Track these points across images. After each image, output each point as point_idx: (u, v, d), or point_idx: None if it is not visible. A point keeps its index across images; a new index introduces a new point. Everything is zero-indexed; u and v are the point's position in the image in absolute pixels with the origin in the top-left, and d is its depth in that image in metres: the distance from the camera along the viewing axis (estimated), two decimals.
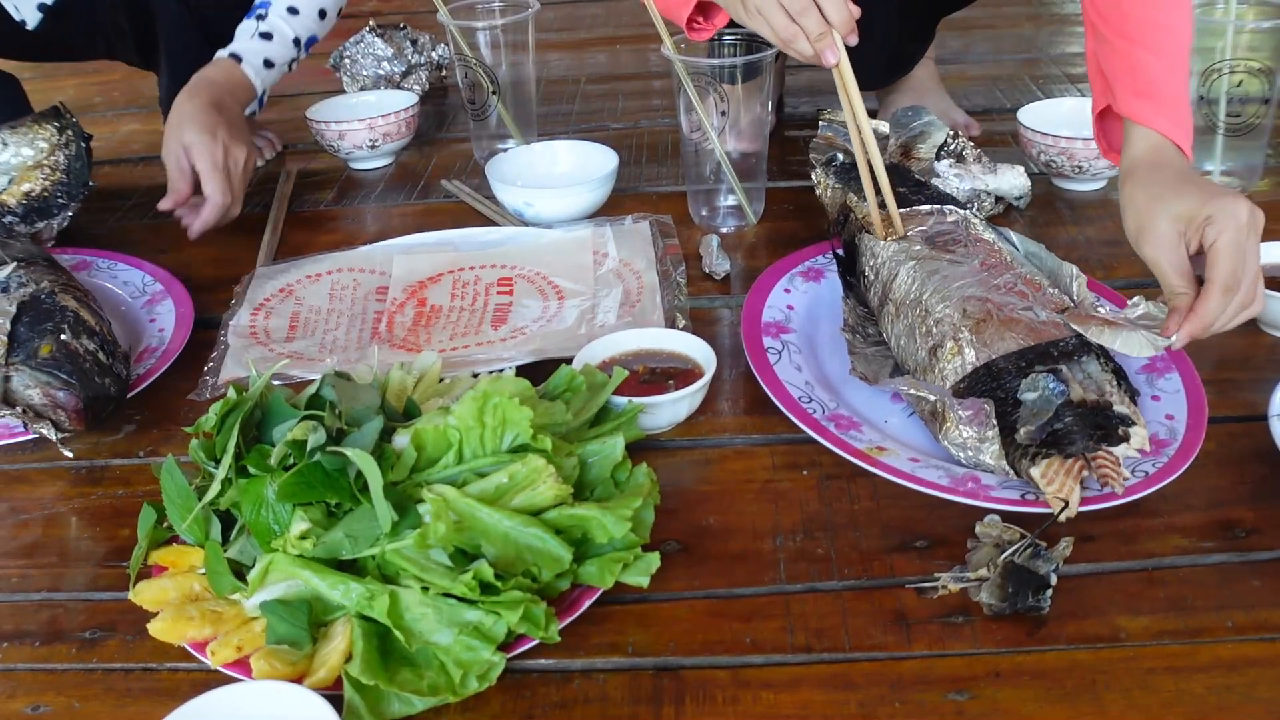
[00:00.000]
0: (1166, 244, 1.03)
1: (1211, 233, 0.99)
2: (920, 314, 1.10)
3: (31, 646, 0.95)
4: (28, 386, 1.13)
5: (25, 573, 1.03)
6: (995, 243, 1.17)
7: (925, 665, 0.86)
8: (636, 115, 1.99)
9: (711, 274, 1.41)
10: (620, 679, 0.87)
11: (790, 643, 0.89)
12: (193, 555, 0.96)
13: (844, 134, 1.51)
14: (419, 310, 1.36)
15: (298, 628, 0.87)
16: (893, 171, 1.28)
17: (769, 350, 1.19)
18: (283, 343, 1.32)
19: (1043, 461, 0.94)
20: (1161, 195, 1.06)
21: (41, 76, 2.37)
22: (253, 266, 1.50)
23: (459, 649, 0.84)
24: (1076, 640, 0.87)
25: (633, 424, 1.08)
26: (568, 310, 1.33)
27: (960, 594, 0.90)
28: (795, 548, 0.98)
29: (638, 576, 0.91)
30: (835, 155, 1.41)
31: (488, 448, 0.93)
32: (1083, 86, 1.95)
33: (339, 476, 0.91)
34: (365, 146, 1.78)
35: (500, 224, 1.57)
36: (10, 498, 1.13)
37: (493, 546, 0.88)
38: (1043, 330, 1.03)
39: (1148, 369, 1.13)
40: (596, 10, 2.65)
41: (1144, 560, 0.94)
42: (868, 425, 1.09)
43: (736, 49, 1.43)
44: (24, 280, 1.23)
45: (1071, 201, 1.54)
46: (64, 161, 1.58)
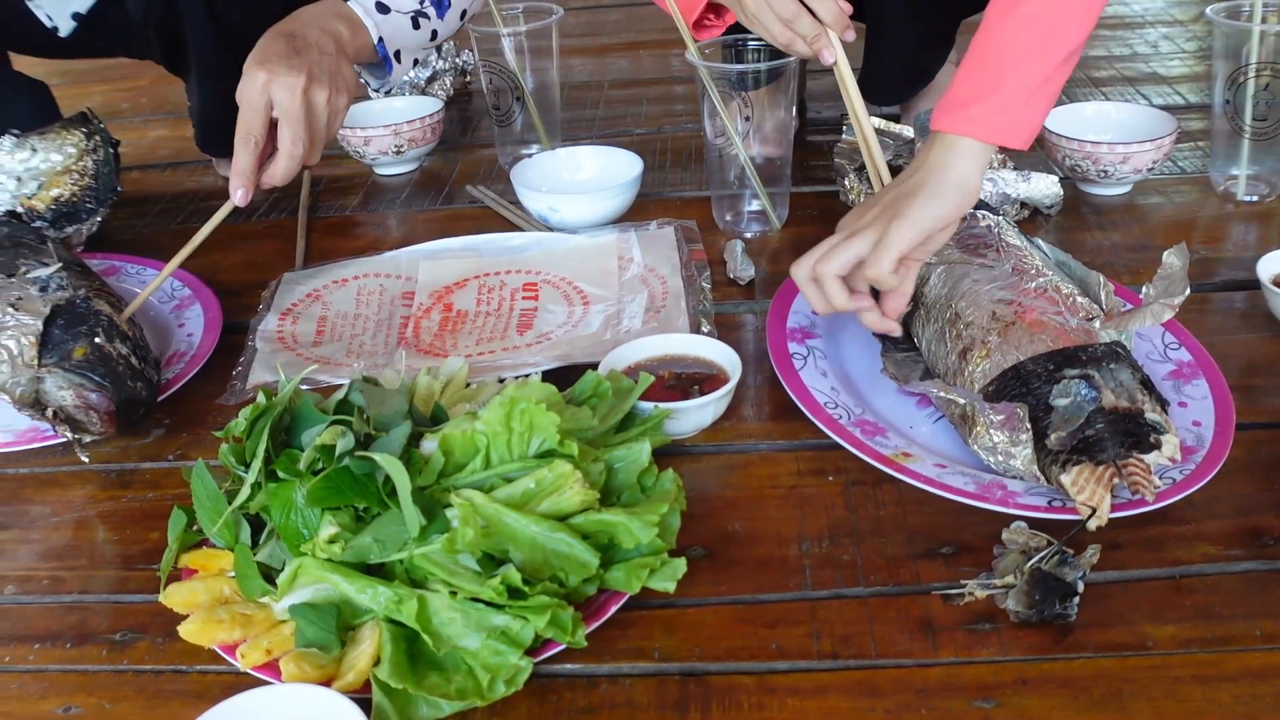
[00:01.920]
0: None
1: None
2: (950, 317, 1.10)
3: (63, 648, 0.96)
4: (60, 388, 1.14)
5: (57, 575, 1.04)
6: (1026, 249, 1.17)
7: (952, 672, 0.86)
8: (660, 120, 1.99)
9: (736, 279, 1.41)
10: (646, 684, 0.87)
11: (816, 649, 0.89)
12: (222, 558, 0.96)
13: None
14: (445, 315, 1.37)
15: (326, 631, 0.87)
16: None
17: (794, 355, 1.19)
18: (310, 347, 1.33)
19: (1073, 468, 0.94)
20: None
21: (70, 83, 2.39)
22: (279, 272, 1.51)
23: (486, 653, 0.84)
24: (1103, 648, 0.87)
25: (658, 429, 1.08)
26: (593, 315, 1.34)
27: (987, 601, 0.90)
28: (821, 554, 0.98)
29: (664, 582, 0.91)
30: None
31: (515, 453, 0.94)
32: (1107, 90, 1.94)
33: (367, 481, 0.91)
34: (390, 152, 1.79)
35: (525, 229, 1.58)
36: (42, 500, 1.14)
37: (520, 551, 0.89)
38: (1072, 335, 1.03)
39: (1174, 375, 1.12)
40: (618, 16, 2.66)
41: (1171, 568, 0.94)
42: (894, 431, 1.09)
43: (760, 54, 1.43)
44: (63, 284, 1.24)
45: (1097, 206, 1.54)
46: (92, 167, 1.60)
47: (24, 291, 1.22)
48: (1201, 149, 1.67)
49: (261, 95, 1.27)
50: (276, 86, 1.27)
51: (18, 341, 1.17)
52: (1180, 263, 1.04)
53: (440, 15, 1.50)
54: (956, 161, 1.09)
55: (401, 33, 1.46)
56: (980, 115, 1.08)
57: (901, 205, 1.08)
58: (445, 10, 1.51)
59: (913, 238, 1.07)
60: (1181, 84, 1.96)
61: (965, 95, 1.10)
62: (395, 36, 1.45)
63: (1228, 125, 1.48)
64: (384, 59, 1.45)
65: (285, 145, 1.29)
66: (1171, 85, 1.96)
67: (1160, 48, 2.16)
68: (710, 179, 1.56)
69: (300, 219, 1.68)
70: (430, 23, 1.50)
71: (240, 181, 1.29)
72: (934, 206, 1.07)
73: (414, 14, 1.47)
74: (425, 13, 1.48)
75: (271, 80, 1.27)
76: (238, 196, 1.30)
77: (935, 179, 1.09)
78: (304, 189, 1.77)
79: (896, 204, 1.09)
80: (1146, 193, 1.56)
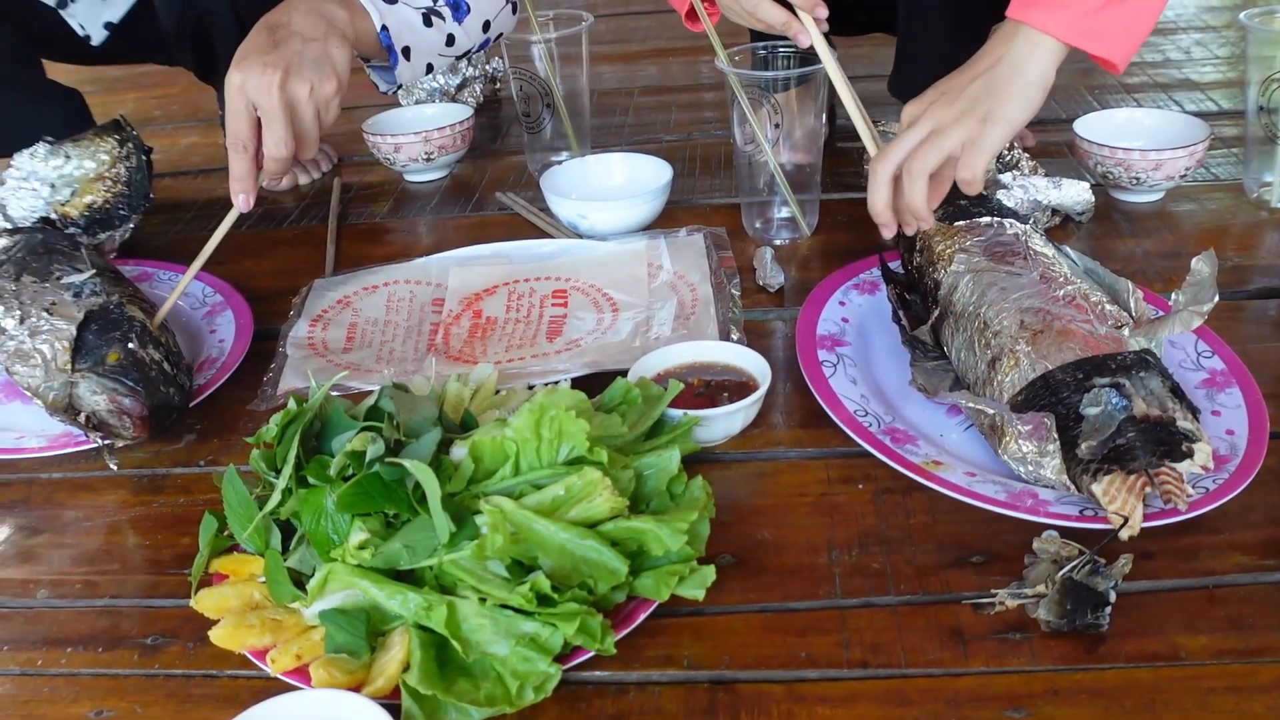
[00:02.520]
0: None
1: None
2: (979, 326, 1.10)
3: (95, 652, 0.96)
4: (94, 393, 1.15)
5: (89, 579, 1.05)
6: (1054, 257, 1.17)
7: (982, 682, 0.85)
8: (689, 127, 1.99)
9: (766, 286, 1.41)
10: (675, 692, 0.87)
11: (846, 658, 0.88)
12: (253, 564, 0.97)
13: None
14: (474, 322, 1.37)
15: (356, 637, 0.87)
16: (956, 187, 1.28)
17: (824, 363, 1.19)
18: (340, 354, 1.33)
19: (1104, 478, 0.93)
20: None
21: (103, 90, 2.41)
22: (310, 278, 1.51)
23: (516, 660, 0.84)
24: (1136, 659, 0.86)
25: (688, 437, 1.08)
26: (622, 323, 1.34)
27: (1018, 610, 0.90)
28: (851, 562, 0.98)
29: (693, 589, 0.91)
30: None
31: (544, 460, 0.94)
32: (1140, 96, 1.93)
33: (397, 487, 0.91)
34: (421, 159, 1.80)
35: (554, 236, 1.58)
36: (74, 505, 1.15)
37: (549, 558, 0.89)
38: (1101, 343, 1.03)
39: (1207, 383, 1.12)
40: (648, 23, 2.66)
41: (1204, 578, 0.93)
42: (924, 439, 1.09)
43: (791, 61, 1.43)
44: (96, 289, 1.25)
45: (1128, 213, 1.53)
46: (125, 174, 1.61)
47: (58, 297, 1.23)
48: (1235, 155, 1.66)
49: (240, 97, 1.24)
50: (252, 87, 1.23)
51: (51, 346, 1.18)
52: (1209, 269, 1.04)
53: (458, 19, 1.47)
54: (1039, 59, 1.11)
55: (411, 28, 1.41)
56: (1067, 16, 1.10)
57: (992, 104, 1.11)
58: (464, 15, 1.48)
59: (1005, 138, 1.11)
60: (1214, 90, 1.95)
61: None
62: (403, 31, 1.40)
63: (1261, 131, 1.47)
64: (389, 50, 1.40)
65: (269, 148, 1.25)
66: (1204, 91, 1.94)
67: (1193, 53, 2.14)
68: (740, 186, 1.55)
69: (330, 225, 1.68)
70: (445, 24, 1.46)
71: (240, 187, 1.27)
72: (1023, 108, 1.11)
73: (426, 10, 1.43)
74: (439, 12, 1.44)
75: (247, 81, 1.23)
76: (240, 202, 1.28)
77: (1021, 78, 1.11)
78: (334, 195, 1.78)
79: (985, 101, 1.11)
80: (1179, 200, 1.55)
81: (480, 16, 1.51)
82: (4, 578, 1.06)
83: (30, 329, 1.20)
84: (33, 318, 1.21)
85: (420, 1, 1.43)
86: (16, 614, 1.02)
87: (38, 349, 1.18)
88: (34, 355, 1.18)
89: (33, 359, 1.18)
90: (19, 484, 1.19)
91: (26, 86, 1.70)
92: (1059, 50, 1.13)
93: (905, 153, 1.12)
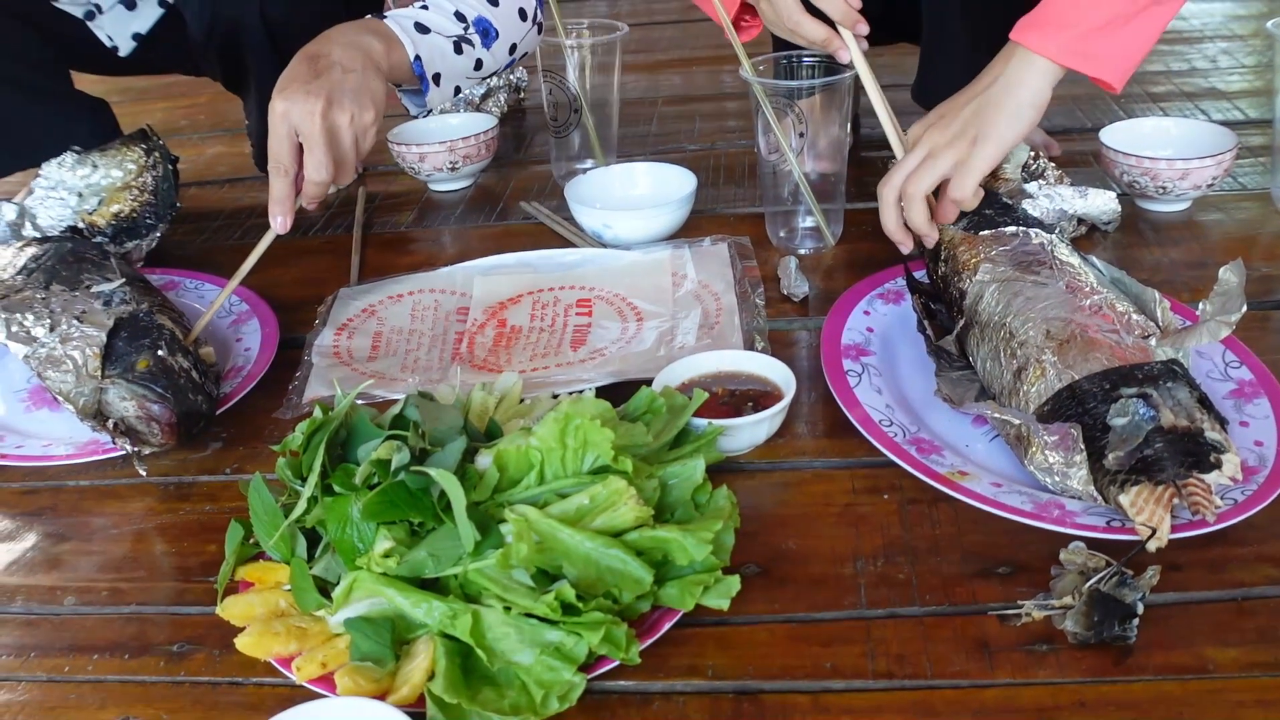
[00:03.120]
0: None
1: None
2: (1004, 336, 1.09)
3: (121, 659, 0.97)
4: (123, 399, 1.16)
5: (116, 587, 1.05)
6: (1080, 267, 1.16)
7: (1009, 694, 0.85)
8: (713, 137, 1.99)
9: (790, 296, 1.41)
10: (700, 702, 0.87)
11: (871, 668, 0.88)
12: (279, 571, 0.97)
13: None
14: (499, 331, 1.37)
15: (381, 645, 0.87)
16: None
17: (849, 373, 1.19)
18: (365, 362, 1.34)
19: (1132, 489, 0.93)
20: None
21: (130, 100, 2.43)
22: (335, 287, 1.52)
23: (540, 669, 0.84)
24: (1164, 671, 0.85)
25: (712, 446, 1.08)
26: (646, 332, 1.34)
27: (1044, 622, 0.89)
28: (876, 572, 0.97)
29: (718, 599, 0.91)
30: None
31: (569, 469, 0.94)
32: (1166, 106, 1.92)
33: (422, 496, 0.92)
34: (445, 169, 1.80)
35: (579, 245, 1.58)
36: (101, 513, 1.15)
37: (574, 567, 0.89)
38: (1128, 353, 1.02)
39: (1235, 394, 1.11)
40: (672, 33, 2.67)
41: (1233, 590, 0.92)
42: (949, 449, 1.08)
43: (815, 70, 1.43)
44: (126, 298, 1.26)
45: (1155, 223, 1.52)
46: (152, 183, 1.62)
47: (88, 305, 1.24)
48: (1262, 165, 1.65)
49: (284, 123, 1.29)
50: (296, 114, 1.28)
51: (82, 352, 1.19)
52: (1237, 279, 1.03)
53: (486, 45, 1.51)
54: (1033, 80, 1.15)
55: (443, 56, 1.46)
56: (1062, 39, 1.14)
57: (983, 126, 1.15)
58: (493, 41, 1.51)
59: (995, 158, 1.16)
60: (1241, 99, 1.94)
61: (1049, 15, 1.15)
62: (435, 59, 1.45)
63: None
64: (420, 78, 1.44)
65: (309, 172, 1.30)
66: (1231, 100, 1.93)
67: (1219, 62, 2.13)
68: (764, 195, 1.55)
69: (355, 235, 1.69)
70: (474, 50, 1.50)
71: (279, 210, 1.32)
72: (1014, 128, 1.16)
73: (457, 39, 1.47)
74: (469, 39, 1.49)
75: (290, 108, 1.28)
76: (278, 224, 1.32)
77: (1013, 99, 1.15)
78: (359, 205, 1.79)
79: (977, 122, 1.16)
80: (1206, 209, 1.55)
81: (508, 41, 1.53)
82: (32, 584, 1.07)
83: (61, 336, 1.20)
84: (63, 325, 1.21)
85: (452, 30, 1.46)
86: (44, 620, 1.02)
87: (69, 355, 1.19)
88: (65, 361, 1.19)
89: (64, 365, 1.19)
90: (47, 491, 1.19)
91: (54, 97, 1.72)
92: (1054, 71, 1.16)
93: (904, 176, 1.15)
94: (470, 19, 1.49)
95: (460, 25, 1.48)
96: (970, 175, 1.14)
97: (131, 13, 1.76)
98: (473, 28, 1.49)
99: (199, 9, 1.69)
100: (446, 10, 1.47)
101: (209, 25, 1.70)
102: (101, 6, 1.74)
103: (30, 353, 1.21)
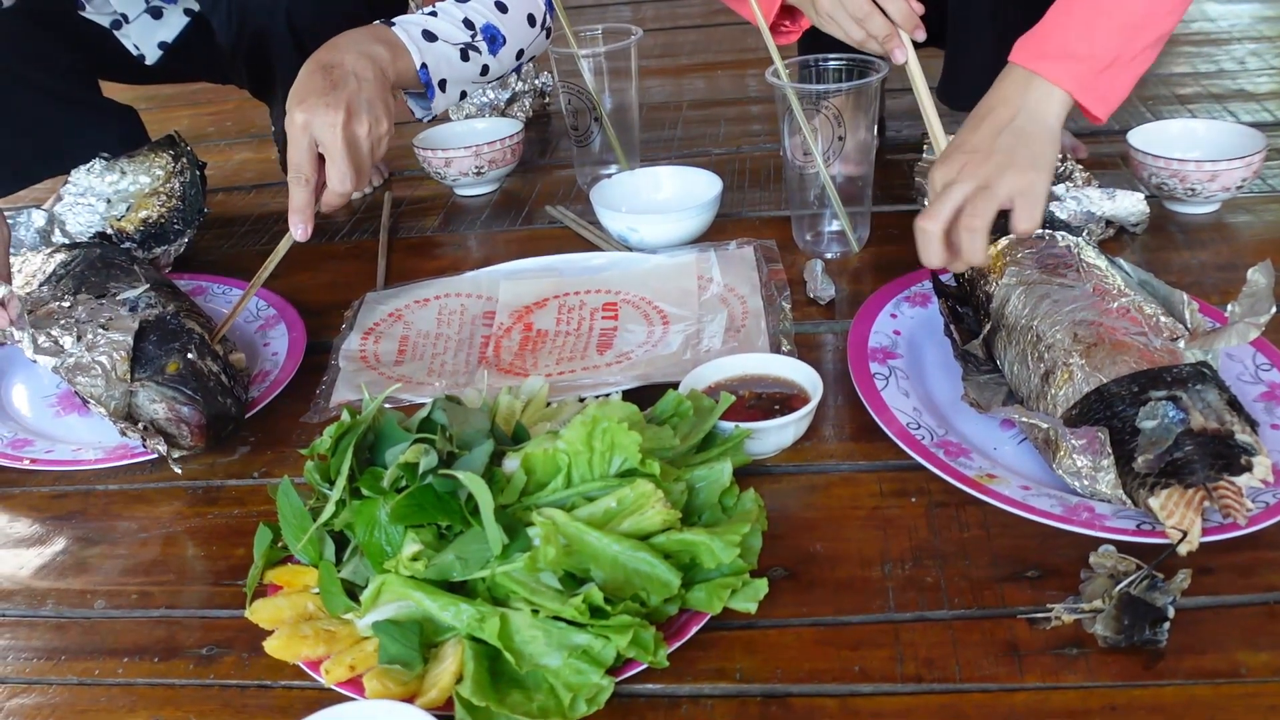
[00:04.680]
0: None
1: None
2: (1032, 340, 1.09)
3: (151, 662, 0.97)
4: (153, 401, 1.17)
5: (145, 590, 1.06)
6: (1107, 269, 1.16)
7: (1039, 698, 0.84)
8: (738, 140, 1.99)
9: (816, 299, 1.41)
10: (728, 705, 0.87)
11: (900, 672, 0.88)
12: (307, 575, 0.97)
13: None
14: (525, 335, 1.38)
15: (409, 648, 0.88)
16: None
17: (876, 376, 1.18)
18: (392, 366, 1.34)
19: (1162, 492, 0.92)
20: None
21: (157, 107, 2.45)
22: (361, 292, 1.53)
23: (568, 672, 0.84)
24: (1195, 675, 0.85)
25: (739, 449, 1.08)
26: (672, 335, 1.34)
27: (1074, 626, 0.89)
28: (904, 576, 0.97)
29: (745, 602, 0.91)
30: None
31: (596, 472, 0.94)
32: (1194, 107, 1.91)
33: (450, 499, 0.92)
34: (471, 173, 1.81)
35: (604, 249, 1.58)
36: (130, 516, 1.16)
37: (602, 570, 0.89)
38: (1156, 356, 1.02)
39: (1266, 396, 1.10)
40: (695, 37, 2.67)
41: (1265, 594, 0.91)
42: (977, 452, 1.08)
43: (841, 74, 1.43)
44: (152, 302, 1.27)
45: (1184, 225, 1.52)
46: (179, 189, 1.63)
47: (114, 313, 1.25)
48: None
49: (304, 135, 1.29)
50: (317, 126, 1.28)
51: (110, 357, 1.20)
52: (1266, 280, 1.02)
53: (493, 51, 1.50)
54: (1054, 110, 1.18)
55: (449, 63, 1.46)
56: (1078, 73, 1.16)
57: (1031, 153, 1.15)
58: (500, 47, 1.51)
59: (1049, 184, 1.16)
60: (1270, 100, 1.92)
61: (1058, 46, 1.16)
62: (441, 66, 1.45)
63: None
64: (426, 85, 1.44)
65: (333, 183, 1.30)
66: (1260, 102, 1.92)
67: (1248, 64, 2.12)
68: (790, 199, 1.55)
69: (381, 240, 1.70)
70: (481, 57, 1.50)
71: (299, 218, 1.31)
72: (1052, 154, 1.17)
73: (464, 46, 1.47)
74: (476, 46, 1.48)
75: (311, 120, 1.28)
76: (298, 233, 1.32)
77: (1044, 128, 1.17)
78: (385, 210, 1.80)
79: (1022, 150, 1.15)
80: (1235, 211, 1.54)
81: (515, 46, 1.54)
82: (62, 588, 1.07)
83: (88, 344, 1.21)
84: (89, 335, 1.22)
85: (459, 38, 1.46)
86: (74, 624, 1.03)
87: (97, 360, 1.20)
88: (94, 367, 1.20)
89: (93, 370, 1.20)
90: (76, 495, 1.20)
91: (83, 105, 1.73)
92: (1069, 103, 1.18)
93: (953, 210, 1.13)
94: (479, 25, 1.49)
95: (468, 33, 1.47)
96: (1038, 203, 1.12)
97: (158, 22, 1.77)
98: (480, 35, 1.49)
99: (226, 18, 1.70)
100: (455, 17, 1.47)
101: (236, 34, 1.71)
102: (128, 16, 1.75)
103: (59, 363, 1.22)
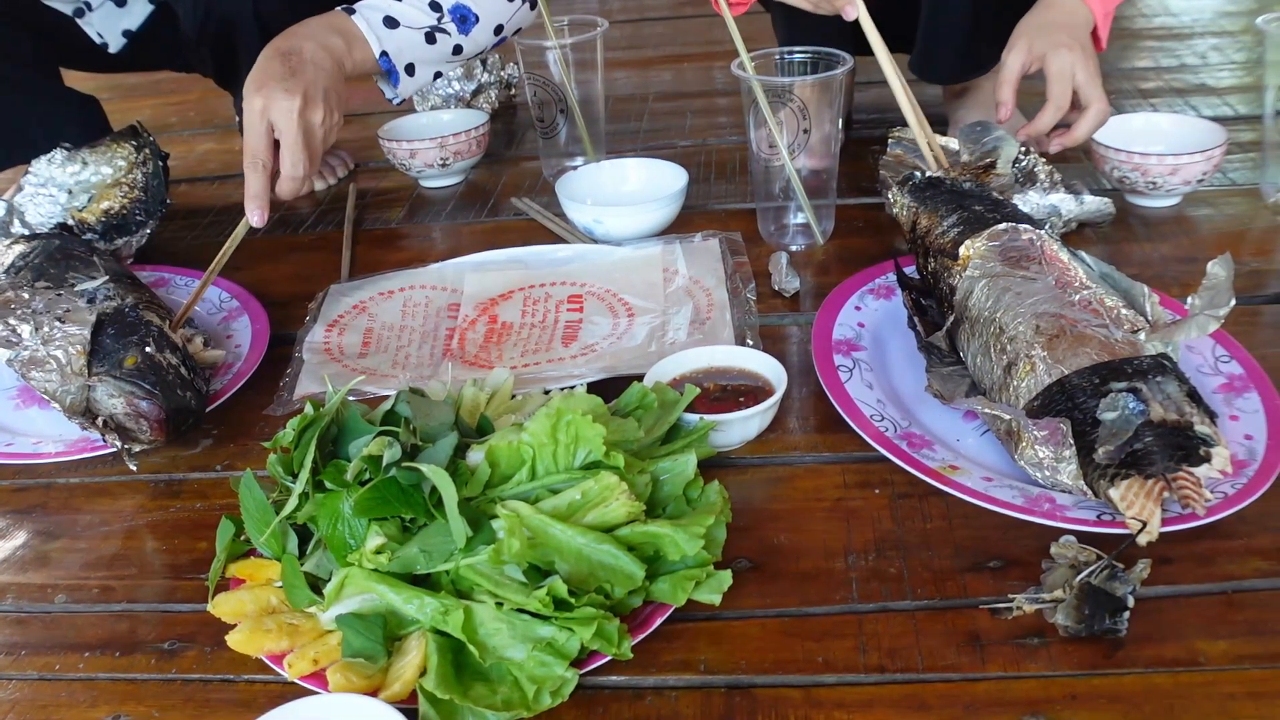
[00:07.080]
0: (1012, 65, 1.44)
1: (1049, 61, 1.41)
2: (994, 332, 1.10)
3: (112, 657, 0.97)
4: (111, 396, 1.16)
5: (106, 584, 1.05)
6: (1069, 262, 1.16)
7: (1000, 687, 0.85)
8: (704, 133, 1.99)
9: (781, 291, 1.41)
10: (692, 697, 0.87)
11: (863, 662, 0.88)
12: (270, 568, 0.97)
13: (914, 151, 1.51)
14: (490, 327, 1.37)
15: (373, 641, 0.87)
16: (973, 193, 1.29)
17: (840, 368, 1.19)
18: (356, 359, 1.34)
19: (1122, 482, 0.93)
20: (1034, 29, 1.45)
21: (120, 97, 2.43)
22: (326, 284, 1.52)
23: (532, 664, 0.84)
24: (1154, 664, 0.85)
25: (704, 441, 1.08)
26: (638, 327, 1.34)
27: (1035, 615, 0.89)
28: (867, 567, 0.97)
29: (710, 594, 0.91)
30: (912, 174, 1.40)
31: (561, 464, 0.94)
32: (1156, 102, 1.93)
33: (414, 492, 0.92)
34: (436, 165, 1.80)
35: (570, 241, 1.58)
36: (92, 510, 1.15)
37: (566, 563, 0.89)
38: (1117, 348, 1.02)
39: (1225, 388, 1.11)
40: (662, 29, 2.67)
41: (1223, 583, 0.92)
42: (940, 444, 1.08)
43: (808, 67, 1.43)
44: (110, 294, 1.26)
45: (1145, 218, 1.53)
46: (142, 179, 1.62)
47: (71, 304, 1.24)
48: (1251, 160, 1.66)
49: (261, 120, 1.30)
50: (274, 111, 1.30)
51: (65, 351, 1.18)
52: (1225, 273, 1.03)
53: (464, 31, 1.51)
54: (1086, 17, 1.45)
55: (414, 47, 1.46)
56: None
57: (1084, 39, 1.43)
58: (472, 26, 1.51)
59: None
60: (1231, 95, 1.94)
61: None
62: (404, 51, 1.45)
63: (1278, 136, 1.47)
64: (389, 71, 1.45)
65: (286, 169, 1.33)
66: (1221, 96, 1.94)
67: (1209, 58, 2.14)
68: (755, 191, 1.55)
69: (346, 231, 1.69)
70: (451, 38, 1.50)
71: (255, 204, 1.33)
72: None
73: (429, 29, 1.47)
74: (444, 28, 1.49)
75: (269, 106, 1.29)
76: (255, 218, 1.33)
77: (1085, 28, 1.44)
78: (350, 201, 1.79)
79: (1081, 37, 1.42)
80: (1196, 205, 1.55)
81: (491, 22, 1.53)
82: (22, 582, 1.06)
83: (43, 338, 1.20)
84: (45, 327, 1.21)
85: (422, 21, 1.47)
86: (34, 618, 1.02)
87: (52, 355, 1.18)
88: (49, 361, 1.18)
89: (48, 364, 1.18)
90: (37, 489, 1.19)
91: (44, 94, 1.71)
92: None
93: (1030, 58, 1.41)
94: (446, 7, 1.49)
95: (434, 15, 1.48)
96: (1097, 79, 1.41)
97: (122, 10, 1.75)
98: (448, 16, 1.49)
99: (192, 6, 1.69)
100: (422, 2, 1.47)
101: (202, 22, 1.70)
102: (91, 4, 1.73)
103: (13, 356, 1.21)
